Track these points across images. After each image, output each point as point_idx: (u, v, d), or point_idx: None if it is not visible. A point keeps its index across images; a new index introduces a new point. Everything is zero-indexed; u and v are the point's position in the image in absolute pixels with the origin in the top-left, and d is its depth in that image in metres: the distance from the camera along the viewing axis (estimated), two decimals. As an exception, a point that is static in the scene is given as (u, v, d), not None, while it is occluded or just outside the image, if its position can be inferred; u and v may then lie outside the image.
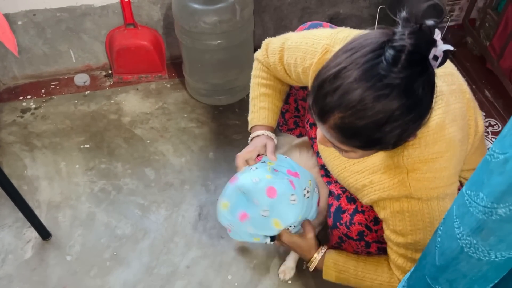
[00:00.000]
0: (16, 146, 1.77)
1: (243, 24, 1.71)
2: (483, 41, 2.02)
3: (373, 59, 0.75)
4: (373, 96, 0.75)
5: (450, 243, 0.69)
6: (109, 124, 1.85)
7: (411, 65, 0.73)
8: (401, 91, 0.74)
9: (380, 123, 0.77)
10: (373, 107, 0.75)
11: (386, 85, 0.74)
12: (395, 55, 0.73)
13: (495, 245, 0.62)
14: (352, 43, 0.80)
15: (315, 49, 1.02)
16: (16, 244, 1.50)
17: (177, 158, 1.74)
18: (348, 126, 0.79)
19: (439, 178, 0.91)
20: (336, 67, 0.78)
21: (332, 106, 0.78)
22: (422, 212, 0.93)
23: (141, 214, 1.57)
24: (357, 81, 0.75)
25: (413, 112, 0.77)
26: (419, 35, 0.72)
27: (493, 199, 0.58)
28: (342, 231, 1.11)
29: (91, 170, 1.70)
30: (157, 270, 1.43)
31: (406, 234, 0.96)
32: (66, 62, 2.00)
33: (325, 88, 0.78)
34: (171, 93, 1.97)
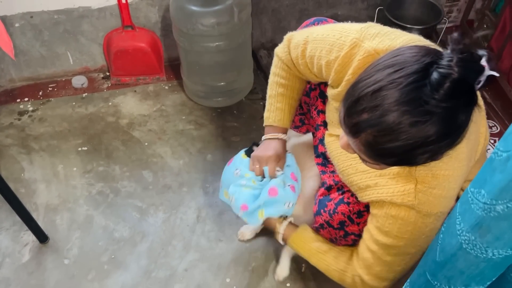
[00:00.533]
0: (13, 149, 1.76)
1: (241, 26, 1.70)
2: (481, 42, 2.02)
3: (417, 81, 0.71)
4: (411, 121, 0.72)
5: (450, 239, 0.69)
6: (107, 126, 1.85)
7: (455, 94, 0.70)
8: (441, 119, 0.72)
9: (413, 147, 0.75)
10: (409, 131, 0.73)
11: (426, 112, 0.71)
12: (440, 81, 0.70)
13: (492, 243, 0.62)
14: (393, 57, 0.76)
15: (343, 42, 0.98)
16: (13, 247, 1.49)
17: (175, 161, 1.73)
18: (380, 145, 0.77)
19: (445, 198, 0.91)
20: (375, 84, 0.74)
21: (368, 125, 0.75)
22: (415, 224, 0.93)
23: (139, 217, 1.57)
24: (397, 103, 0.72)
25: (448, 138, 0.75)
26: (468, 64, 0.70)
27: (493, 195, 0.59)
28: (324, 218, 1.13)
29: (89, 173, 1.69)
30: (155, 274, 1.43)
31: (390, 236, 0.96)
32: (64, 64, 2.00)
33: (362, 104, 0.75)
34: (169, 95, 1.97)
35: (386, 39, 0.92)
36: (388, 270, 1.00)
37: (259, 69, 2.06)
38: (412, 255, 0.98)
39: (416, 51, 0.75)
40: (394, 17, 1.96)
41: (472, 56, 0.71)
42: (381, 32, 0.94)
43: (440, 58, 0.71)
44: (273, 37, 2.13)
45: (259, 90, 1.98)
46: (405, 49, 0.77)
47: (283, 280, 1.39)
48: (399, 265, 0.99)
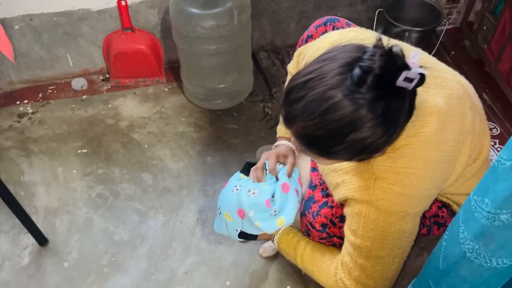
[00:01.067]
0: (13, 152, 1.76)
1: (240, 29, 1.70)
2: (481, 44, 2.02)
3: (341, 73, 0.75)
4: (335, 109, 0.75)
5: (453, 248, 0.69)
6: (106, 128, 1.85)
7: (378, 88, 0.74)
8: (364, 109, 0.75)
9: (339, 136, 0.78)
10: (333, 121, 0.76)
11: (349, 102, 0.75)
12: (362, 76, 0.73)
13: (496, 252, 0.62)
14: (328, 53, 0.80)
15: (324, 46, 1.02)
16: (13, 250, 1.49)
17: (175, 163, 1.73)
18: (308, 135, 0.80)
19: (405, 196, 0.89)
20: (306, 76, 0.79)
21: (296, 114, 0.79)
22: (377, 222, 0.92)
23: (138, 220, 1.57)
24: (321, 94, 0.76)
25: (375, 129, 0.77)
26: (389, 59, 0.73)
27: (497, 204, 0.58)
28: (308, 219, 1.13)
29: (89, 176, 1.69)
30: (155, 277, 1.43)
31: (357, 236, 0.96)
32: (63, 66, 2.00)
33: (293, 95, 0.80)
34: (169, 97, 1.97)
35: (358, 40, 0.95)
36: (366, 275, 0.98)
37: (259, 71, 2.06)
38: (384, 260, 0.96)
39: (349, 48, 0.79)
40: (394, 19, 1.96)
41: (390, 50, 0.74)
42: (358, 37, 0.97)
43: (364, 54, 0.75)
44: (272, 39, 2.13)
45: (259, 92, 1.98)
46: (341, 46, 0.81)
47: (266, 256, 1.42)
48: (374, 270, 0.97)
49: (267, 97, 1.96)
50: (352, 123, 0.76)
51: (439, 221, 1.13)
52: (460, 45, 2.15)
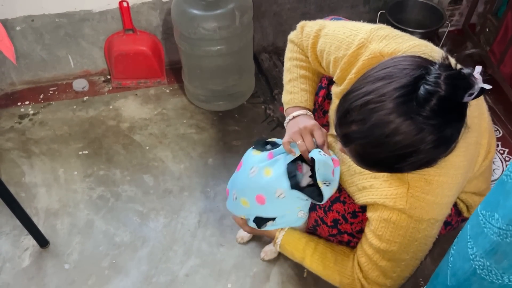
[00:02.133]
0: (14, 153, 1.76)
1: (242, 30, 1.70)
2: (483, 46, 2.01)
3: (405, 95, 0.72)
4: (400, 133, 0.73)
5: (462, 264, 0.68)
6: (107, 130, 1.84)
7: (442, 111, 0.71)
8: (429, 133, 0.73)
9: (402, 157, 0.77)
10: (397, 143, 0.74)
11: (414, 125, 0.72)
12: (427, 98, 0.71)
13: (509, 269, 0.60)
14: (384, 69, 0.77)
15: (351, 41, 0.98)
16: (13, 252, 1.48)
17: (176, 165, 1.72)
18: (370, 156, 0.79)
19: (437, 204, 0.90)
20: (365, 96, 0.76)
21: (357, 136, 0.78)
22: (407, 228, 0.92)
23: (140, 222, 1.56)
24: (386, 116, 0.73)
25: (437, 149, 0.77)
26: (455, 82, 0.70)
27: (508, 221, 0.57)
28: (319, 214, 1.12)
29: (90, 177, 1.68)
30: (156, 279, 1.42)
31: (383, 240, 0.96)
32: (65, 67, 1.99)
33: (352, 116, 0.77)
34: (170, 98, 1.96)
35: (393, 42, 0.92)
36: (384, 276, 1.00)
37: (261, 73, 2.06)
38: (407, 262, 0.98)
39: (408, 64, 0.76)
40: (396, 20, 1.96)
41: (459, 73, 0.71)
42: (389, 35, 0.94)
43: (429, 72, 0.72)
44: (274, 40, 2.12)
45: (261, 94, 1.98)
46: (397, 60, 0.78)
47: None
48: (394, 271, 0.99)
49: (269, 98, 1.96)
50: (415, 146, 0.74)
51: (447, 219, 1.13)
52: (462, 47, 2.14)
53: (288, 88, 1.18)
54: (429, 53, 0.86)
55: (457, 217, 1.15)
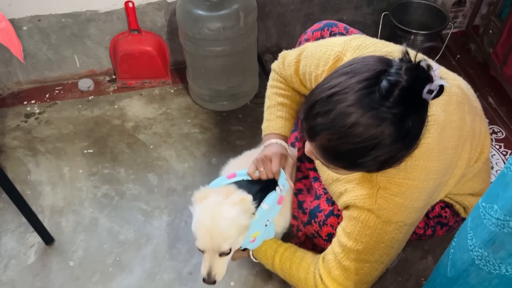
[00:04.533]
0: (20, 151, 1.78)
1: (246, 31, 1.71)
2: (486, 48, 2.02)
3: (367, 87, 0.75)
4: (362, 124, 0.75)
5: (462, 255, 0.69)
6: (112, 129, 1.86)
7: (404, 101, 0.74)
8: (391, 124, 0.75)
9: (365, 150, 0.78)
10: (360, 134, 0.76)
11: (376, 116, 0.75)
12: (389, 89, 0.73)
13: (506, 259, 0.61)
14: (350, 65, 0.80)
15: (328, 56, 1.02)
16: (19, 249, 1.50)
17: (180, 164, 1.74)
18: (334, 148, 0.80)
19: (406, 207, 0.90)
20: (330, 89, 0.78)
21: (321, 128, 0.79)
22: (374, 229, 0.93)
23: (144, 220, 1.57)
24: (349, 107, 0.75)
25: (400, 142, 0.77)
26: (415, 73, 0.73)
27: (506, 211, 0.58)
28: (314, 228, 1.13)
29: (94, 175, 1.70)
30: (160, 276, 1.43)
31: (350, 238, 0.97)
32: (70, 67, 2.01)
33: (317, 108, 0.79)
34: (175, 98, 1.98)
35: (366, 52, 0.95)
36: (346, 277, 1.00)
37: (264, 73, 2.07)
38: (371, 265, 0.97)
39: (371, 60, 0.79)
40: (400, 22, 1.97)
41: (418, 65, 0.74)
42: (362, 45, 0.97)
43: (391, 65, 0.75)
44: (278, 41, 2.14)
45: (264, 94, 1.99)
46: (362, 58, 0.81)
47: None
48: (357, 273, 0.99)
49: (272, 99, 1.97)
50: (378, 137, 0.76)
51: (442, 221, 1.13)
52: (466, 48, 2.15)
53: (265, 115, 1.25)
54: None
55: (455, 217, 1.15)
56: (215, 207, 1.04)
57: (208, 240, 1.03)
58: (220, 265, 1.07)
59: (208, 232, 1.02)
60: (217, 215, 1.03)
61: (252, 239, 1.12)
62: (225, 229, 1.03)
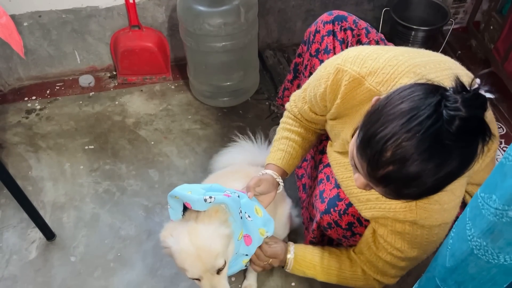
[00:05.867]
0: (21, 147, 1.78)
1: (247, 26, 1.71)
2: (487, 44, 2.02)
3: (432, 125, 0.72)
4: (436, 164, 0.74)
5: (460, 245, 0.69)
6: (113, 125, 1.86)
7: (469, 132, 0.73)
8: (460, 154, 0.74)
9: (439, 184, 0.77)
10: (436, 174, 0.75)
11: (448, 152, 0.73)
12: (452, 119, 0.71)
13: (504, 248, 0.62)
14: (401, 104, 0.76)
15: (328, 73, 1.02)
16: (20, 244, 1.50)
17: (181, 160, 1.74)
18: (406, 191, 0.78)
19: (445, 210, 0.95)
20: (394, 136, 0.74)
21: (395, 176, 0.76)
22: (422, 236, 0.98)
23: (145, 216, 1.58)
24: (420, 152, 0.73)
25: (469, 166, 0.77)
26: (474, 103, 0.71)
27: (505, 201, 0.59)
28: (333, 217, 1.13)
29: (96, 171, 1.70)
30: (161, 272, 1.44)
31: (402, 251, 1.02)
32: (71, 63, 2.01)
33: (386, 157, 0.75)
34: (175, 94, 1.98)
35: (368, 60, 0.95)
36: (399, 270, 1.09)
37: (265, 70, 2.07)
38: (418, 258, 1.05)
39: (418, 94, 0.75)
40: (400, 18, 1.96)
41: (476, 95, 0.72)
42: (360, 55, 0.97)
43: (445, 97, 0.73)
44: (279, 37, 2.13)
45: (265, 90, 1.99)
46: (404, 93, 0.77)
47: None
48: (408, 267, 1.08)
49: (273, 95, 1.97)
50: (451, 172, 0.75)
51: None
52: (467, 44, 2.14)
53: (271, 147, 1.27)
54: (423, 73, 0.89)
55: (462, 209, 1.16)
56: (190, 232, 1.00)
57: (200, 265, 0.99)
58: (221, 282, 1.03)
59: (197, 258, 0.98)
60: (197, 238, 0.99)
61: (246, 239, 1.12)
62: (212, 247, 0.99)
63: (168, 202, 1.05)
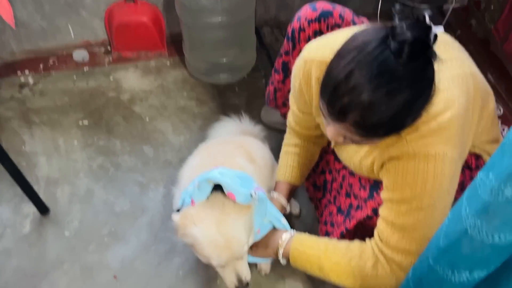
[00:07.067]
0: (14, 122, 1.76)
1: (244, 2, 1.68)
2: (487, 24, 1.99)
3: (380, 54, 0.78)
4: (387, 91, 0.78)
5: (455, 225, 0.69)
6: (108, 101, 1.84)
7: (416, 55, 0.77)
8: (412, 80, 0.78)
9: (397, 113, 0.81)
10: (389, 101, 0.79)
11: (397, 78, 0.78)
12: (400, 47, 0.77)
13: (499, 227, 0.62)
14: (353, 41, 0.83)
15: (298, 67, 1.10)
16: (14, 219, 1.50)
17: (176, 137, 1.73)
18: (368, 121, 0.82)
19: (436, 136, 0.90)
20: (346, 68, 0.81)
21: (351, 107, 0.81)
22: (414, 171, 0.91)
23: (139, 192, 1.57)
24: (370, 79, 0.78)
25: (424, 94, 0.82)
26: (417, 26, 0.77)
27: (501, 180, 0.58)
28: (378, 201, 1.06)
29: (90, 147, 1.69)
30: (155, 247, 1.44)
31: (394, 190, 0.95)
32: (65, 37, 1.98)
33: (341, 89, 0.81)
34: (171, 71, 1.95)
35: (329, 44, 1.00)
36: (406, 238, 0.95)
37: (262, 47, 2.04)
38: (426, 212, 0.93)
39: (369, 32, 0.83)
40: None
41: (417, 19, 0.80)
42: (322, 41, 1.07)
43: (392, 30, 0.78)
44: (277, 14, 2.10)
45: (262, 68, 1.97)
46: (357, 34, 0.84)
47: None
48: (415, 228, 0.94)
49: (270, 73, 1.94)
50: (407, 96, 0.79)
51: None
52: (467, 24, 2.12)
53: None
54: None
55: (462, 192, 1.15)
56: (219, 224, 0.99)
57: (228, 254, 1.00)
58: (243, 266, 1.05)
59: (225, 249, 0.99)
60: (227, 230, 0.99)
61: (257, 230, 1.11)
62: (241, 238, 1.01)
63: (198, 183, 1.00)
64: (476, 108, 0.98)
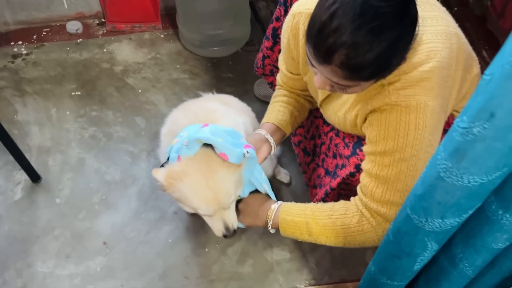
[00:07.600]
0: (7, 91, 1.76)
1: (238, -28, 1.66)
2: (484, 0, 1.97)
3: None
4: (371, 28, 0.78)
5: (430, 171, 0.70)
6: (101, 72, 1.84)
7: None
8: (394, 17, 0.79)
9: (382, 52, 0.80)
10: (374, 40, 0.79)
11: (381, 15, 0.78)
12: None
13: (468, 168, 0.62)
14: None
15: (287, 22, 1.09)
16: (6, 185, 1.51)
17: (168, 109, 1.72)
18: (353, 60, 0.81)
19: (418, 86, 0.90)
20: (330, 9, 0.80)
21: (336, 45, 0.81)
22: (396, 122, 0.92)
23: (130, 161, 1.58)
24: (353, 18, 0.78)
25: (408, 32, 0.83)
26: None
27: (472, 118, 0.59)
28: (360, 157, 1.07)
29: (82, 117, 1.69)
30: (145, 215, 1.46)
31: (377, 142, 0.95)
32: (58, 8, 1.96)
33: (325, 29, 0.81)
34: (165, 43, 1.94)
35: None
36: (390, 189, 0.95)
37: (257, 21, 2.02)
38: (408, 163, 0.93)
39: None
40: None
41: None
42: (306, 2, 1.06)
43: None
44: (272, -12, 2.08)
45: (256, 41, 1.96)
46: None
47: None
48: (398, 179, 0.94)
49: (264, 47, 1.93)
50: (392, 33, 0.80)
51: None
52: (464, 1, 2.10)
53: None
54: None
55: None
56: (208, 178, 1.00)
57: (216, 205, 1.02)
58: (230, 215, 1.07)
59: (213, 200, 1.01)
60: (215, 185, 1.00)
61: None
62: (228, 191, 1.02)
63: (188, 142, 1.00)
64: (459, 67, 0.98)
